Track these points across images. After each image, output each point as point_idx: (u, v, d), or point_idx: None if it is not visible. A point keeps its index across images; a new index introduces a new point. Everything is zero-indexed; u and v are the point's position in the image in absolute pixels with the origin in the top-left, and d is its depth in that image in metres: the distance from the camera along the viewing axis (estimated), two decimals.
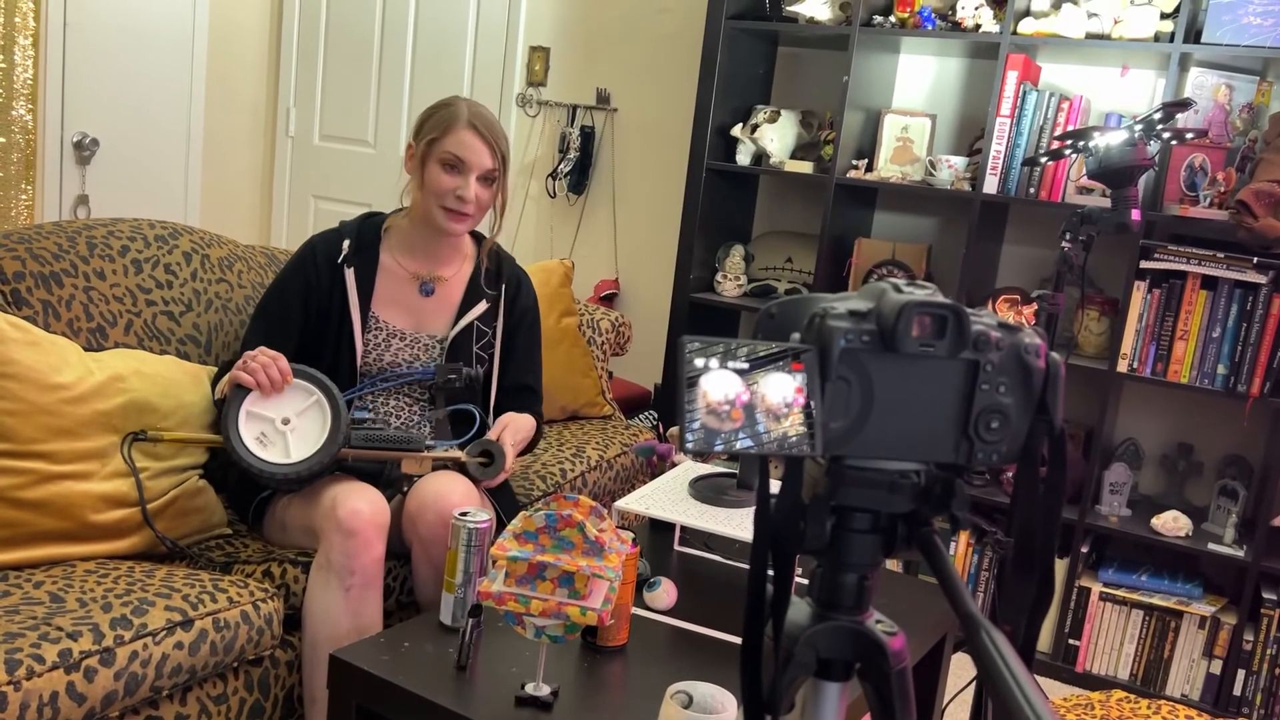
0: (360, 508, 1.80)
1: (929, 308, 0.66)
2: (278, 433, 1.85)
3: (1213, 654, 2.72)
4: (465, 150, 1.97)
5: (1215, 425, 2.95)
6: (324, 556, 1.81)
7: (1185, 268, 2.65)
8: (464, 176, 1.98)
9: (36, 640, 1.49)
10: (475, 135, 1.97)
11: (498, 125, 2.02)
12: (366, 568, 1.80)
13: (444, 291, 2.11)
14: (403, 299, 2.08)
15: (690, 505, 1.92)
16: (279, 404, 1.86)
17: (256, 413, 1.83)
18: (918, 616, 1.91)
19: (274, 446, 1.85)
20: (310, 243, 2.09)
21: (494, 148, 1.98)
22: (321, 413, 1.87)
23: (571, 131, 3.77)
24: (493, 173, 2.00)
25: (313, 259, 2.06)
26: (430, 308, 2.10)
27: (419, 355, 2.07)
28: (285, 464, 1.83)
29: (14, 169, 3.27)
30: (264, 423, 1.84)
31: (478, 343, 2.11)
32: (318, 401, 1.87)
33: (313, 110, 4.28)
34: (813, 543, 0.70)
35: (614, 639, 1.63)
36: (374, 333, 2.06)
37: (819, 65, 3.40)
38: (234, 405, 1.84)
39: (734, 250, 3.32)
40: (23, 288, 1.92)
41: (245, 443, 1.82)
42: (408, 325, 2.08)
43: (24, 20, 3.21)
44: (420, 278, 2.09)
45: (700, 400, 0.64)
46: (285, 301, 2.06)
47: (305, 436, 1.86)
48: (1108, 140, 2.10)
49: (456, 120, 1.98)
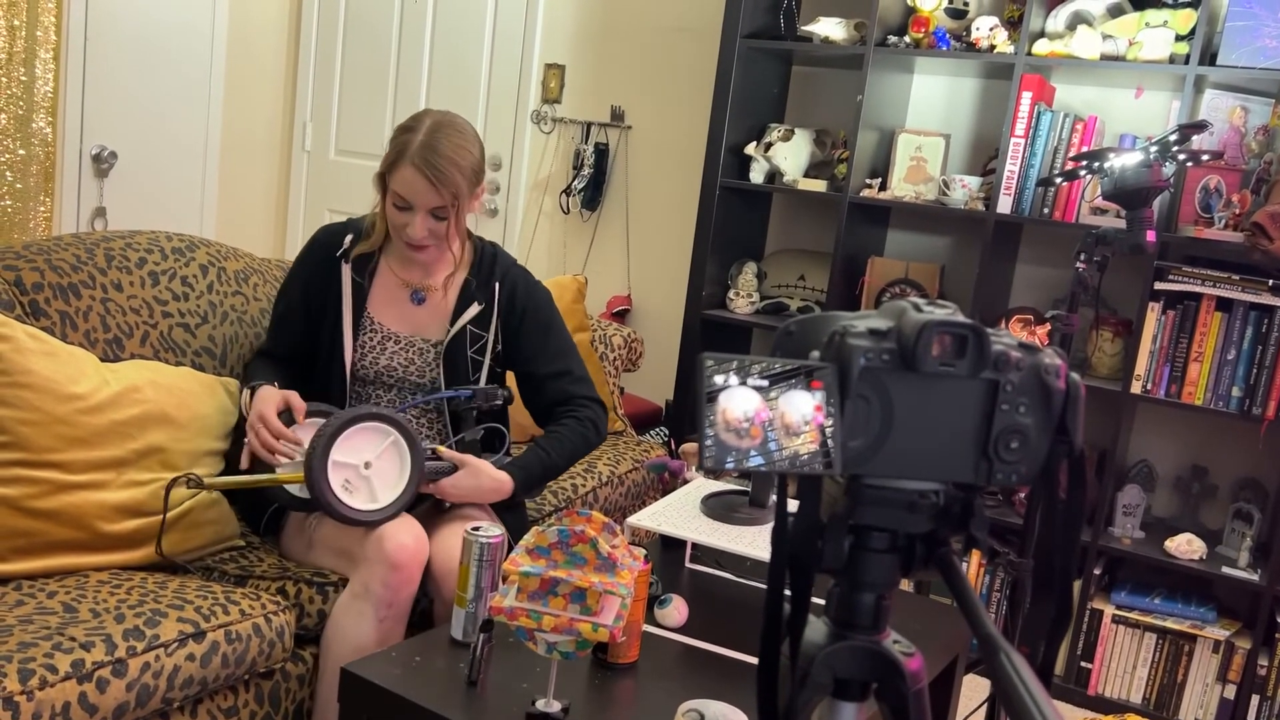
0: (407, 542, 1.80)
1: (949, 327, 0.66)
2: (361, 478, 1.85)
3: (1226, 679, 2.69)
4: (408, 190, 1.88)
5: (1230, 448, 2.93)
6: (361, 585, 1.80)
7: (1200, 289, 2.65)
8: (411, 213, 1.91)
9: (50, 650, 1.49)
10: (416, 173, 1.86)
11: (449, 156, 1.88)
12: (403, 601, 1.81)
13: (436, 297, 2.07)
14: (397, 304, 2.07)
15: (702, 522, 1.91)
16: (359, 449, 1.84)
17: (340, 461, 1.83)
18: (930, 637, 1.90)
19: (359, 492, 1.85)
20: (316, 234, 2.10)
21: (437, 185, 1.86)
22: (398, 452, 1.87)
23: (586, 148, 3.79)
24: (442, 208, 1.90)
25: (313, 250, 2.07)
26: (424, 313, 2.07)
27: (414, 359, 2.05)
28: (375, 509, 1.84)
29: (33, 181, 3.30)
30: (348, 470, 1.84)
31: (472, 347, 2.06)
32: (394, 442, 1.87)
33: (329, 125, 4.31)
34: (830, 562, 0.70)
35: (625, 656, 1.63)
36: (369, 334, 2.04)
37: (833, 84, 3.41)
38: (319, 457, 1.79)
39: (747, 267, 3.33)
40: (41, 298, 1.93)
41: (336, 492, 1.81)
42: (403, 329, 2.06)
43: (45, 34, 3.25)
44: (411, 286, 2.07)
45: (719, 417, 0.64)
46: (290, 297, 2.08)
47: (386, 478, 1.87)
48: (1123, 161, 2.10)
49: (402, 156, 1.88)
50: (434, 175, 1.86)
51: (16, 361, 1.75)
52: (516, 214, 3.98)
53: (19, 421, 1.73)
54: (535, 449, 2.02)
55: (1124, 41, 2.73)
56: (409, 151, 1.87)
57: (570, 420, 2.06)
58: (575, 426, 2.05)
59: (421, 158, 1.86)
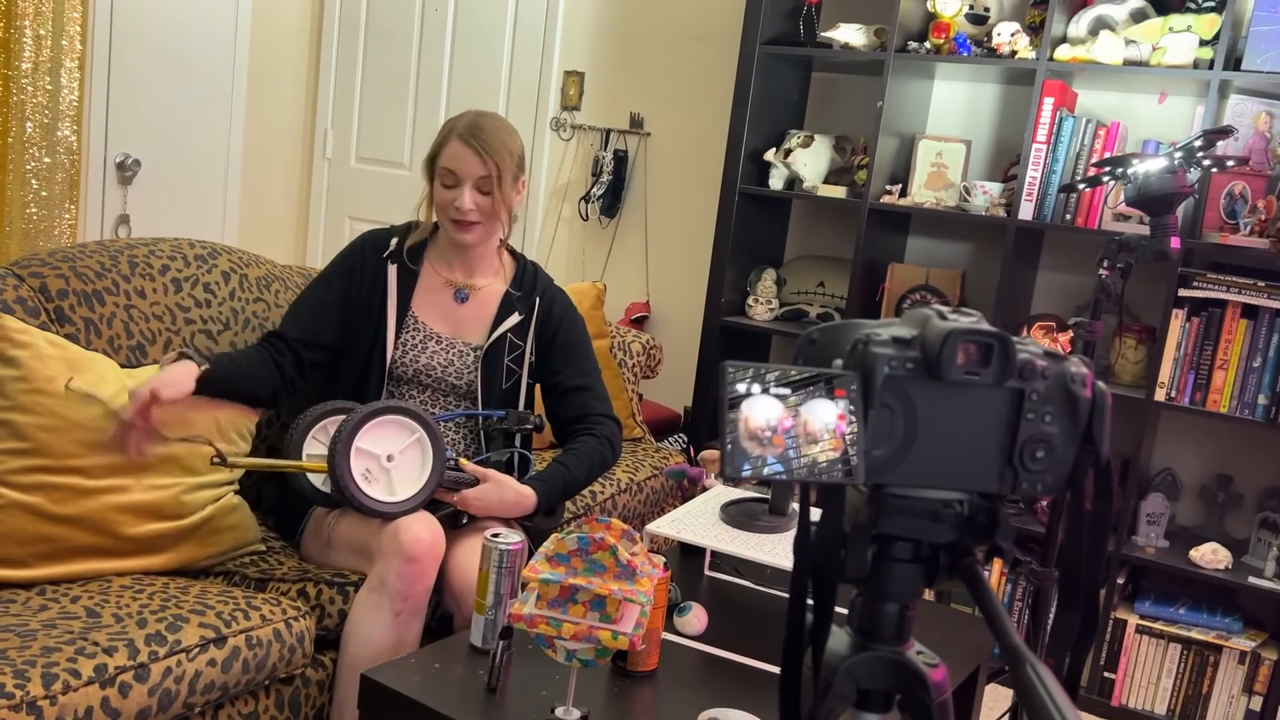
0: (422, 535, 1.81)
1: (975, 335, 0.65)
2: (381, 469, 1.86)
3: (1253, 690, 2.66)
4: (454, 162, 2.00)
5: (1256, 456, 2.90)
6: (378, 579, 1.81)
7: (1225, 296, 2.62)
8: (459, 188, 2.01)
9: (73, 655, 1.50)
10: (463, 145, 1.99)
11: (495, 133, 2.01)
12: (419, 595, 1.82)
13: (479, 301, 2.12)
14: (441, 304, 2.12)
15: (721, 530, 1.91)
16: (385, 441, 1.85)
17: (364, 449, 1.84)
18: (952, 646, 1.89)
19: (377, 483, 1.85)
20: (363, 236, 2.16)
21: (483, 155, 1.98)
22: (421, 450, 1.88)
23: (605, 155, 3.79)
24: (487, 179, 2.00)
25: (361, 249, 2.13)
26: (467, 316, 2.12)
27: (454, 361, 2.08)
28: (391, 502, 1.84)
29: (58, 189, 3.33)
30: (370, 459, 1.85)
31: (510, 355, 2.11)
32: (419, 440, 1.88)
33: (350, 132, 4.33)
34: (853, 571, 0.70)
35: (644, 664, 1.62)
36: (411, 332, 2.08)
37: (853, 91, 3.40)
38: (344, 442, 1.81)
39: (766, 274, 3.32)
40: (66, 305, 1.95)
41: (355, 479, 1.82)
42: (445, 330, 2.10)
43: (70, 44, 3.28)
44: (455, 285, 2.12)
45: (741, 425, 0.63)
46: (328, 284, 2.11)
47: (406, 474, 1.87)
48: (1147, 167, 2.08)
49: (449, 135, 2.02)
50: (480, 145, 1.99)
51: (36, 368, 1.76)
52: (536, 221, 3.99)
53: (40, 428, 1.75)
54: (555, 465, 2.04)
55: (1147, 47, 2.71)
56: (455, 129, 2.02)
57: (588, 437, 2.09)
58: (593, 444, 2.08)
59: (468, 131, 2.01)
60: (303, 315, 2.10)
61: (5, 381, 1.76)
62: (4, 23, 3.13)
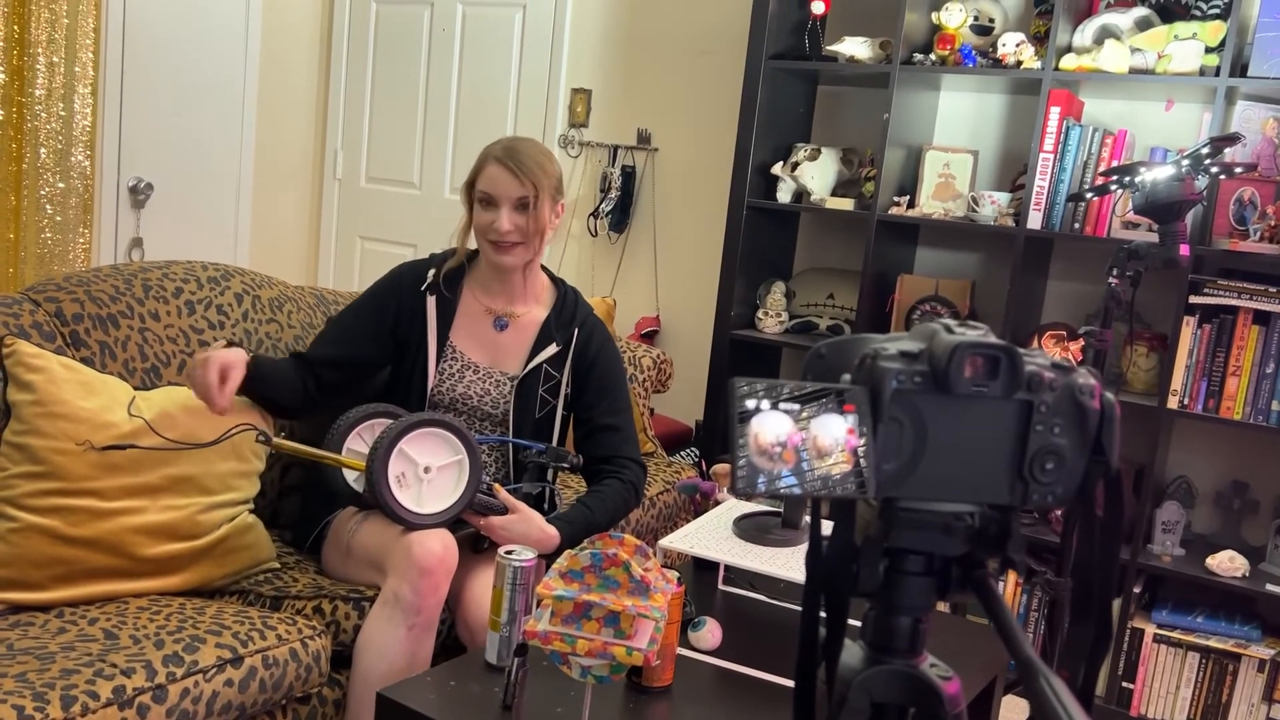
0: (435, 549, 1.82)
1: (981, 348, 0.66)
2: (416, 478, 1.87)
3: (1273, 698, 2.64)
4: (491, 185, 2.02)
5: (1271, 463, 2.88)
6: (391, 593, 1.82)
7: (1236, 302, 2.61)
8: (497, 210, 2.02)
9: (91, 676, 1.51)
10: (500, 167, 2.02)
11: (530, 155, 2.03)
12: (431, 608, 1.82)
13: (518, 329, 2.13)
14: (480, 333, 2.13)
15: (735, 544, 1.91)
16: (428, 452, 1.87)
17: (407, 452, 1.85)
18: (967, 658, 1.88)
19: (408, 490, 1.86)
20: (400, 267, 2.17)
21: (519, 175, 2.01)
22: (459, 472, 1.89)
23: (613, 171, 3.81)
24: (524, 199, 2.02)
25: (398, 281, 2.14)
26: (505, 344, 2.13)
27: (489, 390, 2.10)
28: (415, 512, 1.85)
29: (72, 213, 3.36)
30: (408, 464, 1.86)
31: (544, 385, 2.12)
32: (459, 462, 1.89)
33: (360, 153, 4.36)
34: (866, 585, 0.70)
35: (659, 679, 1.62)
36: (450, 361, 2.10)
37: (859, 103, 3.41)
38: (391, 439, 1.82)
39: (775, 287, 3.32)
40: (81, 329, 1.97)
41: (388, 477, 1.83)
42: (483, 359, 2.12)
43: (83, 70, 3.32)
44: (495, 313, 2.13)
45: (751, 441, 0.64)
46: (361, 313, 2.13)
47: (438, 490, 1.88)
48: (1155, 175, 2.08)
49: (486, 159, 2.05)
50: (516, 166, 2.02)
51: (51, 392, 1.78)
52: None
53: (55, 451, 1.76)
54: (580, 506, 2.06)
55: (1153, 55, 2.71)
56: (492, 153, 2.05)
57: (614, 481, 2.10)
58: (619, 488, 2.10)
59: (504, 154, 2.03)
60: (335, 340, 2.13)
61: (20, 405, 1.78)
62: (18, 51, 3.17)
